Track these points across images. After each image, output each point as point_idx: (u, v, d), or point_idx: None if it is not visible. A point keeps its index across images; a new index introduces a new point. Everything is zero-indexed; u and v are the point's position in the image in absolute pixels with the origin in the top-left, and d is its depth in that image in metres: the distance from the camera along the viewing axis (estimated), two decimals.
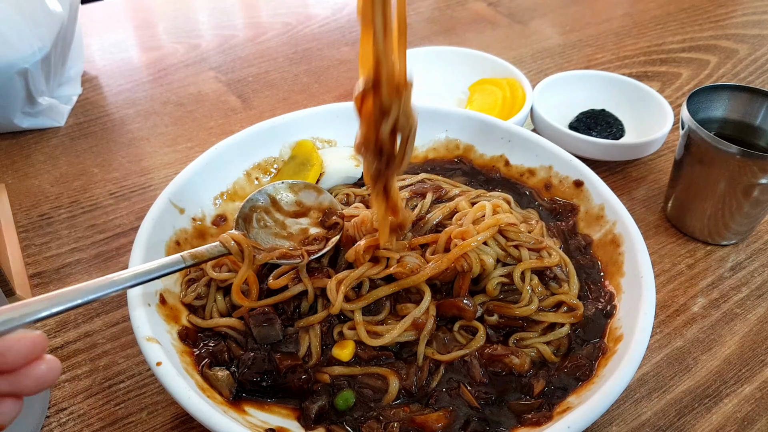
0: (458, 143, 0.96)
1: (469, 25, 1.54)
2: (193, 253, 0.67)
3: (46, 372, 0.46)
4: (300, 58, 1.39)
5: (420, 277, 0.70)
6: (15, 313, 0.48)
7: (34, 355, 0.45)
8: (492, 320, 0.72)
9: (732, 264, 0.92)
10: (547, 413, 0.62)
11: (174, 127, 1.17)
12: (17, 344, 0.45)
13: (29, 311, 0.49)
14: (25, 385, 0.45)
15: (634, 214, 0.80)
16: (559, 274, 0.76)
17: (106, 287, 0.56)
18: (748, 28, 1.55)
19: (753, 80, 1.36)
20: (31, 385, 0.45)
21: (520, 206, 0.87)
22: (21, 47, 1.01)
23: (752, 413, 0.73)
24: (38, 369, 0.45)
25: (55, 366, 0.46)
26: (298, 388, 0.66)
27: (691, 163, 0.90)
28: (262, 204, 0.78)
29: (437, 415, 0.63)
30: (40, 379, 0.45)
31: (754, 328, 0.83)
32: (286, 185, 0.81)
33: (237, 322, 0.71)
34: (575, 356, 0.69)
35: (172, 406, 0.72)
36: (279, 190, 0.80)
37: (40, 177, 1.05)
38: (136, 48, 1.43)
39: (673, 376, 0.77)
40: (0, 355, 0.44)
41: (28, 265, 0.89)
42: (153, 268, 0.62)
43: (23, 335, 0.45)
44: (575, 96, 1.17)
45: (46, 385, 0.46)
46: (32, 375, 0.45)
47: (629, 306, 0.70)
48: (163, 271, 0.63)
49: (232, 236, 0.70)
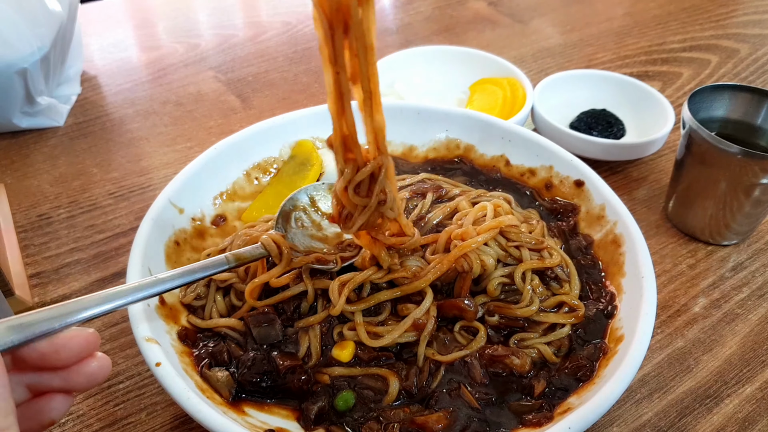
0: (459, 143, 0.96)
1: (469, 24, 1.54)
2: (236, 254, 0.68)
3: (97, 370, 0.47)
4: (300, 58, 1.39)
5: (422, 282, 0.69)
6: (67, 309, 0.48)
7: (87, 353, 0.46)
8: (493, 321, 0.71)
9: (733, 264, 0.92)
10: (547, 414, 0.62)
11: (173, 127, 1.17)
12: (70, 342, 0.46)
13: (81, 307, 0.50)
14: (77, 382, 0.46)
15: (635, 214, 0.80)
16: (560, 275, 0.75)
17: (156, 285, 0.59)
18: (749, 27, 1.54)
19: (754, 80, 1.35)
20: (82, 381, 0.46)
21: (521, 206, 0.87)
22: (20, 47, 1.01)
23: (753, 414, 0.73)
24: (90, 366, 0.47)
25: (105, 364, 0.47)
26: (298, 388, 0.66)
27: (692, 163, 0.90)
28: (302, 204, 0.77)
29: (437, 415, 0.63)
30: (92, 376, 0.47)
31: (755, 329, 0.83)
32: (326, 186, 0.79)
33: (237, 323, 0.71)
34: (576, 357, 0.68)
35: (171, 407, 0.72)
36: (319, 190, 0.79)
37: (39, 177, 1.05)
38: (136, 48, 1.43)
39: (674, 376, 0.77)
40: (54, 353, 0.45)
41: (28, 265, 0.89)
42: (197, 267, 0.64)
43: (76, 333, 0.46)
44: (576, 95, 1.16)
45: (96, 382, 0.47)
46: (84, 372, 0.46)
47: (630, 306, 0.70)
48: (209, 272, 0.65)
49: (272, 237, 0.71)
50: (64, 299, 0.84)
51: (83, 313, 0.50)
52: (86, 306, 0.51)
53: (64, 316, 0.48)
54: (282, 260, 0.70)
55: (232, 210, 0.87)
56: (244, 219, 0.86)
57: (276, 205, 0.86)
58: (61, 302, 0.49)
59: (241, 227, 0.83)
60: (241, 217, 0.86)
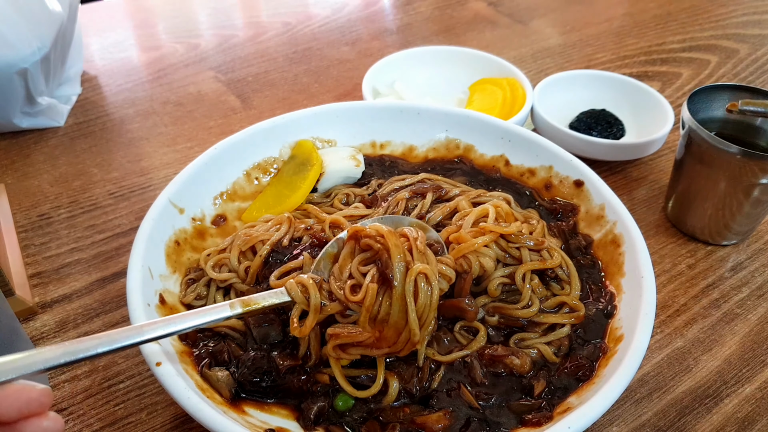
0: (458, 143, 0.96)
1: (469, 24, 1.54)
2: (246, 301, 0.61)
3: (44, 430, 0.43)
4: (300, 58, 1.39)
5: None
6: (17, 363, 0.45)
7: (31, 411, 0.43)
8: (493, 321, 0.71)
9: (732, 264, 0.92)
10: (547, 414, 0.62)
11: (173, 127, 1.17)
12: (13, 396, 0.42)
13: (31, 362, 0.46)
14: None
15: (635, 214, 0.80)
16: (561, 275, 0.76)
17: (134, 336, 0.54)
18: (748, 27, 1.55)
19: (753, 80, 1.35)
20: None
21: (521, 206, 0.87)
22: (20, 47, 1.01)
23: (753, 413, 0.73)
24: (36, 425, 0.43)
25: (56, 426, 0.44)
26: (298, 388, 0.66)
27: (691, 163, 0.90)
28: None
29: (437, 415, 0.63)
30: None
31: (754, 328, 0.83)
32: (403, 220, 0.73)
33: (237, 323, 0.71)
34: (576, 356, 0.68)
35: (171, 407, 0.72)
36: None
37: (40, 177, 1.05)
38: (136, 48, 1.43)
39: (674, 376, 0.77)
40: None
41: (28, 265, 0.89)
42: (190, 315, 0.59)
43: (24, 388, 0.43)
44: (576, 96, 1.16)
45: None
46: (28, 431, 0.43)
47: (630, 306, 0.70)
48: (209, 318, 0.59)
49: (301, 281, 0.64)
50: (64, 299, 0.85)
51: (33, 367, 0.46)
52: (38, 360, 0.46)
53: (10, 370, 0.44)
54: (310, 308, 0.63)
55: (233, 210, 0.87)
56: (244, 219, 0.86)
57: (276, 205, 0.86)
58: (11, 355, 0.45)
59: (241, 227, 0.83)
60: (241, 217, 0.86)
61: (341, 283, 0.64)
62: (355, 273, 0.64)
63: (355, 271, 0.64)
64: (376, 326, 0.62)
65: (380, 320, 0.62)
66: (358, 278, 0.64)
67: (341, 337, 0.64)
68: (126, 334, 0.54)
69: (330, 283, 0.65)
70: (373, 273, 0.63)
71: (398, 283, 0.61)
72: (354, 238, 0.66)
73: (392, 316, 0.62)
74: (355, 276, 0.64)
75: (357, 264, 0.65)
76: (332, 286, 0.64)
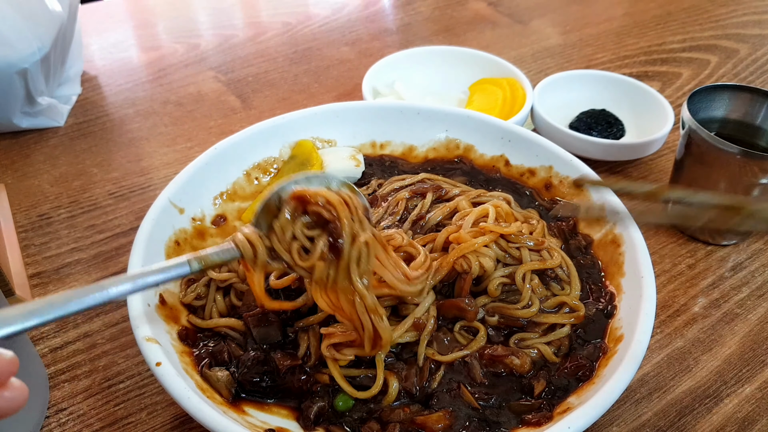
0: (458, 143, 0.96)
1: (469, 24, 1.54)
2: (201, 257, 0.59)
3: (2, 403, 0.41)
4: (300, 58, 1.39)
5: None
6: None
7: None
8: (493, 321, 0.71)
9: (732, 264, 0.92)
10: (547, 414, 0.62)
11: (173, 127, 1.17)
12: None
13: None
14: None
15: None
16: (561, 275, 0.76)
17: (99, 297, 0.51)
18: (748, 27, 1.55)
19: (753, 80, 1.35)
20: None
21: (521, 206, 0.87)
22: (20, 47, 1.01)
23: (753, 413, 0.73)
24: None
25: (17, 396, 0.41)
26: (298, 388, 0.66)
27: (691, 163, 0.90)
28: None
29: (437, 415, 0.63)
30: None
31: (754, 328, 0.83)
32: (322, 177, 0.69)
33: (237, 323, 0.71)
34: (576, 356, 0.68)
35: (171, 407, 0.72)
36: (312, 181, 0.68)
37: (40, 177, 1.05)
38: (136, 48, 1.43)
39: (674, 376, 0.77)
40: None
41: (28, 265, 0.89)
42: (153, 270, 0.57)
43: None
44: (576, 96, 1.16)
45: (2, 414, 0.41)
46: None
47: (630, 306, 0.70)
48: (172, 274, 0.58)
49: (247, 236, 0.62)
50: None
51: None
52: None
53: None
54: (256, 267, 0.63)
55: (233, 210, 0.87)
56: (245, 219, 0.86)
57: None
58: None
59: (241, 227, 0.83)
60: (241, 217, 0.86)
61: (285, 244, 0.63)
62: (300, 236, 0.63)
63: (300, 235, 0.64)
64: (328, 293, 0.63)
65: (330, 288, 0.63)
66: (303, 241, 0.63)
67: (335, 336, 0.64)
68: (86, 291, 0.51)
69: (272, 240, 0.64)
70: (324, 241, 0.62)
71: (345, 252, 0.62)
72: (299, 201, 0.64)
73: (339, 282, 0.62)
74: (300, 239, 0.63)
75: (302, 227, 0.64)
76: (275, 243, 0.63)
